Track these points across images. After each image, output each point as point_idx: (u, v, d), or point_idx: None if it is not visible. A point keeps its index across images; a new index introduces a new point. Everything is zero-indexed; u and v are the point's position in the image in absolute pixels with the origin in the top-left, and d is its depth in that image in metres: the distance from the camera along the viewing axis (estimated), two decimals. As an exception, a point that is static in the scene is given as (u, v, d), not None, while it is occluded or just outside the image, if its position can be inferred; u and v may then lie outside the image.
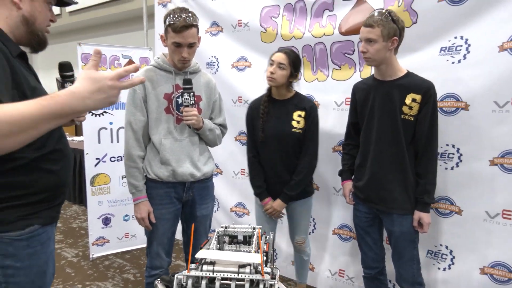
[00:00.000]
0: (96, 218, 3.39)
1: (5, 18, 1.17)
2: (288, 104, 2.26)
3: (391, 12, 1.85)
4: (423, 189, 1.91)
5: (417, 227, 1.94)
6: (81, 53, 3.18)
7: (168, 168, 1.96)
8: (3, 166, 1.10)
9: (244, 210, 3.25)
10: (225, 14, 3.09)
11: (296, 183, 2.25)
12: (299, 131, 2.22)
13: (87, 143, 3.29)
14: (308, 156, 2.26)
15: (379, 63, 1.91)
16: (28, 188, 1.16)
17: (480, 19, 2.04)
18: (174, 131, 1.97)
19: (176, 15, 1.83)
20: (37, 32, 1.24)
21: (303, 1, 2.66)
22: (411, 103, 1.87)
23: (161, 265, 2.07)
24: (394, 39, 1.83)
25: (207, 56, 3.26)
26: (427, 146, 1.90)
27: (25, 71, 1.19)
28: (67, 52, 2.09)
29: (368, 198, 2.05)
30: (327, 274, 2.81)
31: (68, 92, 0.91)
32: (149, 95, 1.95)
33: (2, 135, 0.84)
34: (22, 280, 1.16)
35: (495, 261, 2.08)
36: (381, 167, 1.98)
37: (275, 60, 2.20)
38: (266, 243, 1.57)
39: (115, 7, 5.60)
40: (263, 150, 2.30)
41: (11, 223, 1.13)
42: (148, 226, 2.01)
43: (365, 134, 2.04)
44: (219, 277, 1.32)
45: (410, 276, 1.98)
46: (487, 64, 2.02)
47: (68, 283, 2.96)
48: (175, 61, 1.95)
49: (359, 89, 2.11)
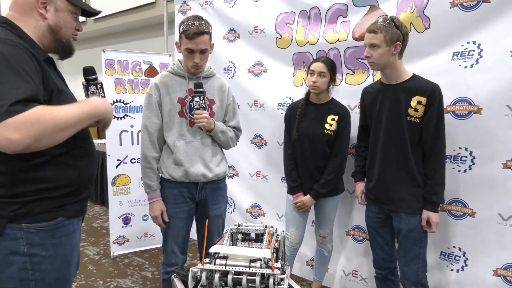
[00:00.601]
0: (117, 218, 3.52)
1: (33, 28, 1.28)
2: (323, 108, 2.41)
3: (394, 19, 1.93)
4: (431, 189, 1.95)
5: (426, 226, 1.97)
6: (105, 59, 3.31)
7: (181, 168, 2.04)
8: (31, 162, 1.20)
9: (260, 211, 3.32)
10: (242, 21, 3.18)
11: (326, 182, 2.38)
12: (330, 133, 2.36)
13: (109, 145, 3.42)
14: (339, 158, 2.39)
15: (383, 67, 1.99)
16: (54, 182, 1.25)
17: (492, 25, 2.07)
18: (187, 133, 2.06)
19: (189, 22, 1.93)
20: (62, 39, 1.34)
21: (318, 7, 2.73)
22: (417, 105, 1.93)
23: (176, 262, 2.15)
24: (397, 44, 1.91)
25: (224, 61, 3.36)
26: (433, 147, 1.94)
27: (53, 74, 1.30)
28: (91, 58, 2.20)
29: (377, 199, 2.11)
30: (341, 274, 2.84)
31: (93, 98, 1.32)
32: (164, 99, 2.05)
33: (59, 130, 1.11)
34: (47, 268, 1.25)
35: (508, 263, 2.09)
36: (388, 168, 2.04)
37: (315, 69, 2.33)
38: (277, 241, 1.63)
39: (137, 14, 5.79)
40: (297, 148, 2.44)
41: (37, 215, 1.22)
42: (161, 224, 2.11)
43: (373, 136, 2.12)
44: (232, 271, 1.39)
45: (414, 275, 2.01)
46: (499, 68, 2.04)
47: (90, 279, 3.09)
48: (189, 66, 2.04)
49: (367, 93, 2.18)
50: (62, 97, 1.26)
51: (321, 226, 2.56)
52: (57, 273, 1.28)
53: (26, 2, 1.26)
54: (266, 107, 3.09)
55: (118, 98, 3.39)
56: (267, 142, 3.16)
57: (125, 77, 3.42)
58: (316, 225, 2.60)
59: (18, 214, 1.18)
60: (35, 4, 1.26)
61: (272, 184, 3.16)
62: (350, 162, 2.67)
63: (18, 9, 1.27)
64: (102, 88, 1.50)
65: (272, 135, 3.10)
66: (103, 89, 1.52)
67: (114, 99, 3.37)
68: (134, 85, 3.46)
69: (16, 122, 1.02)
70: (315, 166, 2.40)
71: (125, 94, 3.43)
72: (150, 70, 3.51)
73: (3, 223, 1.17)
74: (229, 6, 3.27)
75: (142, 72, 3.49)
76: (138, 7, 5.69)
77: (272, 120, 3.05)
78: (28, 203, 1.20)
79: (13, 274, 1.20)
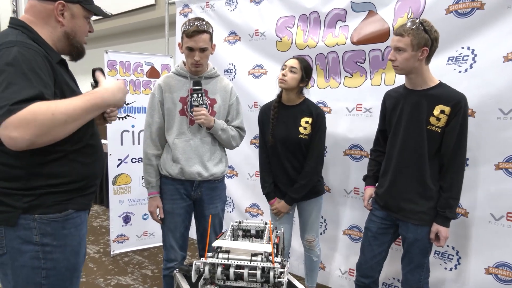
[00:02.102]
0: (117, 216, 3.57)
1: (49, 33, 1.34)
2: (296, 110, 2.34)
3: (424, 22, 1.82)
4: (445, 202, 1.87)
5: (433, 240, 1.91)
6: (108, 60, 3.37)
7: (178, 166, 2.10)
8: (45, 158, 1.26)
9: (258, 211, 3.37)
10: (242, 24, 3.25)
11: (301, 186, 2.33)
12: (305, 137, 2.31)
13: (110, 144, 3.47)
14: (312, 161, 2.33)
15: (407, 72, 1.90)
16: (65, 177, 1.31)
17: (486, 31, 2.14)
18: (187, 132, 2.12)
19: (190, 23, 2.02)
20: (77, 44, 1.41)
21: (317, 12, 2.80)
22: (439, 114, 1.84)
23: (175, 258, 2.20)
24: (424, 49, 1.80)
25: (225, 64, 3.42)
26: (452, 160, 1.86)
27: (65, 75, 1.35)
28: (94, 58, 2.22)
29: (386, 206, 2.04)
30: (338, 273, 2.90)
31: (103, 88, 1.33)
32: (166, 99, 2.12)
33: (60, 123, 1.13)
34: (58, 257, 1.31)
35: (500, 262, 2.15)
36: (402, 177, 1.96)
37: (287, 64, 2.30)
38: (276, 237, 1.69)
39: (139, 15, 5.84)
40: (273, 154, 2.40)
41: (49, 207, 1.28)
42: (157, 220, 2.20)
43: (390, 142, 2.04)
44: (234, 265, 1.44)
45: (416, 282, 1.97)
46: (493, 73, 2.11)
47: (90, 277, 3.13)
48: (189, 65, 2.11)
49: (390, 97, 2.09)
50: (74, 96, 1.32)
51: (305, 231, 2.49)
52: (67, 262, 1.34)
53: (44, 9, 1.31)
54: (266, 108, 3.15)
55: (120, 98, 3.44)
56: (266, 143, 3.22)
57: (127, 78, 3.47)
58: (301, 230, 2.54)
59: (32, 205, 1.24)
60: (53, 11, 1.31)
61: (270, 184, 3.20)
62: (348, 164, 2.73)
63: (35, 14, 1.32)
64: None
65: (271, 136, 3.15)
66: None
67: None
68: (136, 86, 3.52)
69: (15, 120, 1.06)
70: (293, 170, 2.35)
71: (127, 95, 3.47)
72: (151, 71, 3.57)
73: (17, 213, 1.24)
74: (230, 9, 3.33)
75: (144, 73, 3.55)
76: (139, 9, 5.74)
77: (272, 122, 3.10)
78: (41, 196, 1.26)
79: (26, 263, 1.26)
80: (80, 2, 1.36)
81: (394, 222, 2.05)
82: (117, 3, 5.85)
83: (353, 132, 2.68)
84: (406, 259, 2.01)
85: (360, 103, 2.65)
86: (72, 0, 1.33)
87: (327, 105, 2.80)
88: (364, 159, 2.67)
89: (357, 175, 2.72)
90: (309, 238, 2.50)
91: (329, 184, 2.84)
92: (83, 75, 1.72)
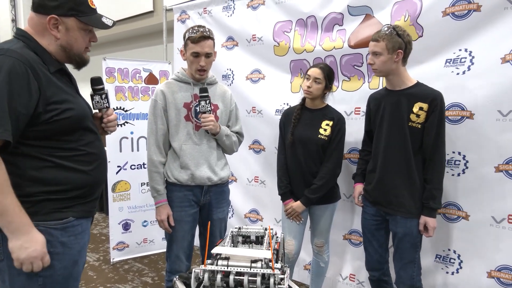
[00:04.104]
0: (117, 224, 3.54)
1: (47, 45, 1.34)
2: (318, 113, 2.40)
3: (396, 27, 1.98)
4: (429, 194, 1.99)
5: (423, 231, 2.01)
6: (106, 67, 3.37)
7: (187, 172, 2.09)
8: (38, 164, 1.26)
9: (258, 216, 3.36)
10: (240, 29, 3.25)
11: (318, 187, 2.33)
12: (324, 138, 2.33)
13: (109, 151, 3.45)
14: (331, 163, 2.34)
15: (386, 74, 2.05)
16: (63, 185, 1.31)
17: (483, 33, 2.14)
18: (193, 137, 2.12)
19: (195, 29, 2.05)
20: (74, 57, 1.39)
21: (314, 16, 2.80)
22: (418, 111, 1.98)
23: (180, 269, 2.16)
24: (399, 52, 1.96)
25: (223, 69, 3.42)
26: (433, 153, 1.98)
27: (63, 84, 1.35)
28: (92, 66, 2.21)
29: (376, 201, 2.15)
30: (339, 278, 2.88)
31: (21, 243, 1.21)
32: (169, 105, 2.11)
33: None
34: (55, 265, 1.30)
35: (502, 265, 2.14)
36: (389, 173, 2.07)
37: (311, 75, 2.32)
38: (276, 242, 1.67)
39: (136, 22, 5.85)
40: (291, 153, 2.41)
41: (47, 214, 1.28)
42: (167, 229, 2.13)
43: (376, 141, 2.16)
44: (233, 272, 1.42)
45: (409, 279, 2.05)
46: (490, 75, 2.11)
47: (90, 285, 3.11)
48: (193, 71, 2.11)
49: (373, 99, 2.23)
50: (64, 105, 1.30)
51: (315, 235, 2.51)
52: (64, 271, 1.33)
53: (39, 22, 1.31)
54: (264, 113, 3.15)
55: (118, 105, 3.44)
56: (265, 148, 3.21)
57: (125, 85, 3.47)
58: (312, 233, 2.55)
59: (29, 212, 1.24)
60: (47, 25, 1.31)
61: (270, 190, 3.20)
62: (348, 168, 2.72)
63: (34, 26, 1.33)
64: (107, 98, 1.55)
65: (270, 141, 3.15)
66: (108, 99, 1.56)
67: (114, 107, 3.41)
68: (134, 93, 3.52)
69: None
70: (309, 172, 2.37)
71: (125, 102, 3.48)
72: (150, 77, 3.57)
73: None
74: (227, 15, 3.34)
75: (142, 79, 3.54)
76: (137, 16, 5.76)
77: (270, 126, 3.09)
78: (38, 203, 1.26)
79: (23, 270, 1.24)
80: (75, 15, 1.33)
81: (384, 217, 2.14)
82: (115, 10, 5.87)
83: (351, 135, 2.67)
84: (397, 256, 2.09)
85: (359, 107, 2.65)
86: (65, 14, 1.31)
87: (326, 109, 2.80)
88: (363, 162, 2.66)
89: (357, 179, 2.71)
90: (318, 243, 2.50)
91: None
92: (83, 82, 1.72)
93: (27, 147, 1.25)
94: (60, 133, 1.30)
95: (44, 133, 1.27)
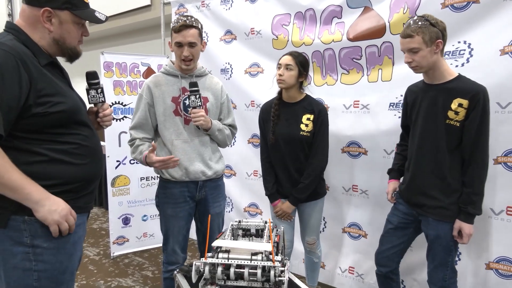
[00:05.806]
0: (117, 218, 3.55)
1: (39, 38, 1.33)
2: (297, 107, 2.30)
3: (428, 17, 1.80)
4: (467, 198, 1.82)
5: (457, 237, 1.86)
6: (104, 61, 3.36)
7: (181, 167, 2.07)
8: (28, 159, 1.26)
9: (257, 210, 3.37)
10: (238, 22, 3.24)
11: (305, 186, 2.27)
12: (307, 134, 2.25)
13: (108, 146, 3.46)
14: (316, 160, 2.27)
15: (427, 69, 1.85)
16: (53, 179, 1.30)
17: (482, 25, 2.14)
18: (184, 132, 2.08)
19: (179, 19, 2.00)
20: (67, 50, 1.39)
21: (313, 9, 2.79)
22: (457, 108, 1.79)
23: (177, 261, 2.18)
24: (439, 42, 1.78)
25: (221, 63, 3.41)
26: (473, 154, 1.81)
27: (55, 77, 1.34)
28: (90, 60, 2.21)
29: (409, 201, 2.03)
30: (338, 271, 2.90)
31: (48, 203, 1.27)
32: (157, 100, 2.07)
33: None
34: (50, 259, 1.30)
35: (500, 256, 2.15)
36: (421, 172, 1.94)
37: (282, 63, 2.25)
38: (277, 235, 1.68)
39: (134, 16, 5.82)
40: (274, 153, 2.34)
41: None
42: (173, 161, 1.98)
43: (411, 138, 2.02)
44: (234, 264, 1.43)
45: (440, 281, 1.93)
46: (489, 67, 2.11)
47: (91, 279, 3.12)
48: (178, 62, 2.07)
49: (411, 92, 2.06)
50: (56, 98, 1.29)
51: (306, 233, 2.44)
52: (59, 265, 1.33)
53: (32, 14, 1.30)
54: (263, 107, 3.14)
55: (117, 99, 3.43)
56: (264, 142, 3.21)
57: (124, 79, 3.46)
58: (302, 232, 2.48)
59: (21, 206, 1.24)
60: (40, 17, 1.30)
61: (269, 183, 3.20)
62: (346, 161, 2.73)
63: (26, 19, 1.32)
64: (102, 93, 1.55)
65: (269, 135, 3.14)
66: (104, 93, 1.55)
67: (113, 101, 3.41)
68: (133, 87, 3.51)
69: None
70: (294, 169, 2.29)
71: (124, 96, 3.47)
72: (148, 71, 3.56)
73: (7, 214, 1.24)
74: (225, 8, 3.32)
75: (141, 74, 3.54)
76: (135, 10, 5.73)
77: (269, 120, 3.09)
78: None
79: (18, 264, 1.26)
80: (69, 8, 1.33)
81: (416, 218, 2.02)
82: (113, 4, 5.84)
83: (350, 129, 2.67)
84: (429, 257, 1.97)
85: (357, 100, 2.65)
86: (59, 7, 1.31)
87: (324, 102, 2.79)
88: (362, 156, 2.66)
89: (356, 172, 2.72)
90: (309, 241, 2.46)
91: (328, 182, 2.83)
92: (80, 77, 1.72)
93: (19, 141, 1.25)
94: (53, 126, 1.30)
95: (36, 126, 1.26)
